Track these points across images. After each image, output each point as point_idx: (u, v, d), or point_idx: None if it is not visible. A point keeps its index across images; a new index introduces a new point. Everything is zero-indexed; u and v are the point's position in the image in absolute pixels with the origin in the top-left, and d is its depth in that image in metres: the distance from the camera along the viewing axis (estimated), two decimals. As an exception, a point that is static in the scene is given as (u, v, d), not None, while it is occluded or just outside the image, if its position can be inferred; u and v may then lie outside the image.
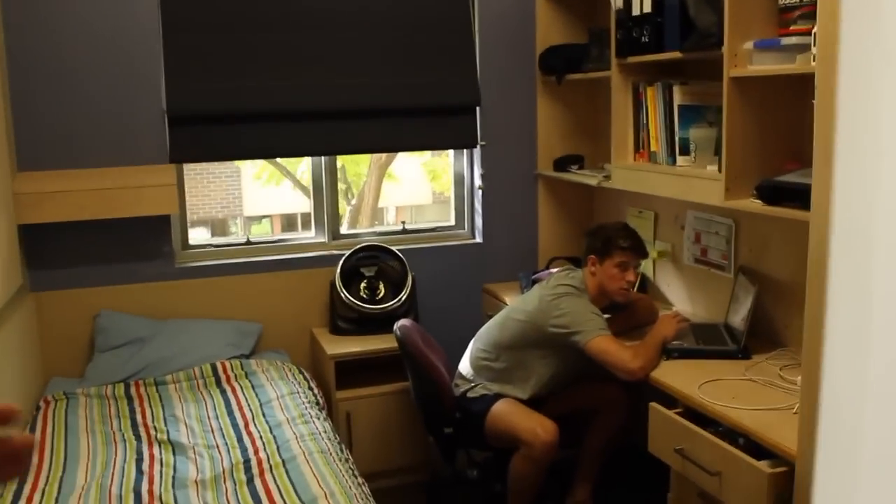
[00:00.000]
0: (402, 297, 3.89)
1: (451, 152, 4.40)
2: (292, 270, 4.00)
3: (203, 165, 9.08)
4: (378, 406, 3.71)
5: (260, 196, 10.23)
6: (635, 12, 3.30)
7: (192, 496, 2.60)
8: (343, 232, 4.24)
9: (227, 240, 4.11)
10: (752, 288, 3.02)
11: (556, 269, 3.52)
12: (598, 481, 3.43)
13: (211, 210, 10.37)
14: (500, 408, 3.21)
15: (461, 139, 4.11)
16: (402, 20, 3.90)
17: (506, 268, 4.27)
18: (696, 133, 3.16)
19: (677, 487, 2.76)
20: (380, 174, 8.50)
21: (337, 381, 3.66)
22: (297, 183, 8.42)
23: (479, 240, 4.33)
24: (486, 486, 3.49)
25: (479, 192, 4.26)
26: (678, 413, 2.66)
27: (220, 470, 2.77)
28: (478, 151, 4.22)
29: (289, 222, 9.64)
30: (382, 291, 3.92)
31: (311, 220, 4.21)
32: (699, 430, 2.51)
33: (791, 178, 2.67)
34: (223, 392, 3.43)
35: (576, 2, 4.11)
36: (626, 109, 3.51)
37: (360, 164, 8.63)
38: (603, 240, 3.23)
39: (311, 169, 4.17)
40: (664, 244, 3.80)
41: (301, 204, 4.13)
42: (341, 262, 3.92)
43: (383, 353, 3.70)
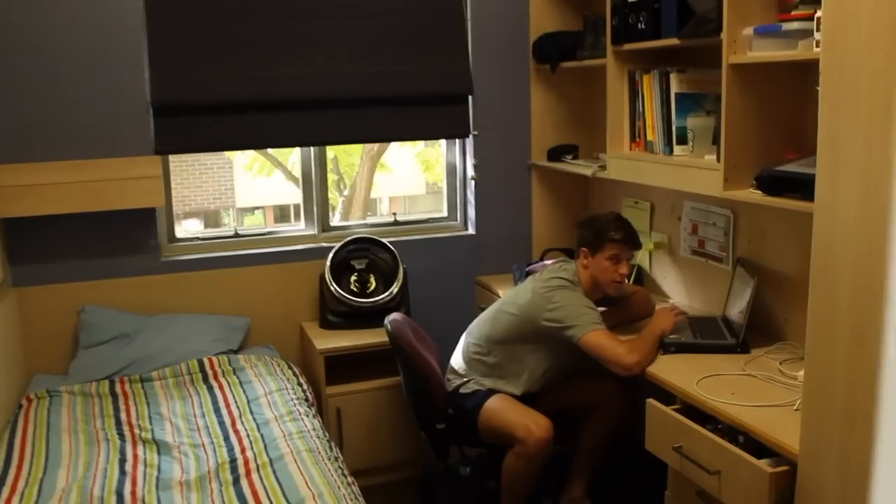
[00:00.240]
0: (394, 290, 3.82)
1: (443, 142, 4.33)
2: (281, 263, 3.94)
3: (194, 156, 9.02)
4: (369, 401, 3.64)
5: (252, 187, 10.19)
6: (631, -2, 3.22)
7: (176, 498, 2.52)
8: (334, 224, 4.16)
9: (214, 232, 4.03)
10: (751, 280, 2.95)
11: (550, 262, 3.45)
12: (594, 478, 3.36)
13: (203, 201, 10.35)
14: (493, 404, 3.14)
15: (453, 129, 4.04)
16: (392, 8, 3.82)
17: (499, 260, 4.20)
18: (693, 122, 3.08)
19: (675, 485, 2.69)
20: (372, 165, 8.43)
21: (327, 377, 3.59)
22: (288, 174, 8.34)
23: (471, 231, 4.26)
24: (479, 484, 3.43)
25: (472, 183, 4.19)
26: (676, 410, 2.59)
27: (206, 470, 2.69)
28: (470, 141, 4.16)
29: (282, 213, 9.59)
30: (373, 284, 3.85)
31: (301, 212, 4.13)
32: (698, 427, 2.44)
33: (792, 167, 2.60)
34: (210, 388, 3.35)
35: (570, -12, 4.04)
36: (622, 98, 3.44)
37: (353, 154, 8.56)
38: (594, 232, 3.16)
39: (300, 160, 4.09)
40: (660, 235, 3.72)
41: (293, 195, 4.06)
42: (331, 255, 3.85)
43: (374, 347, 3.63)
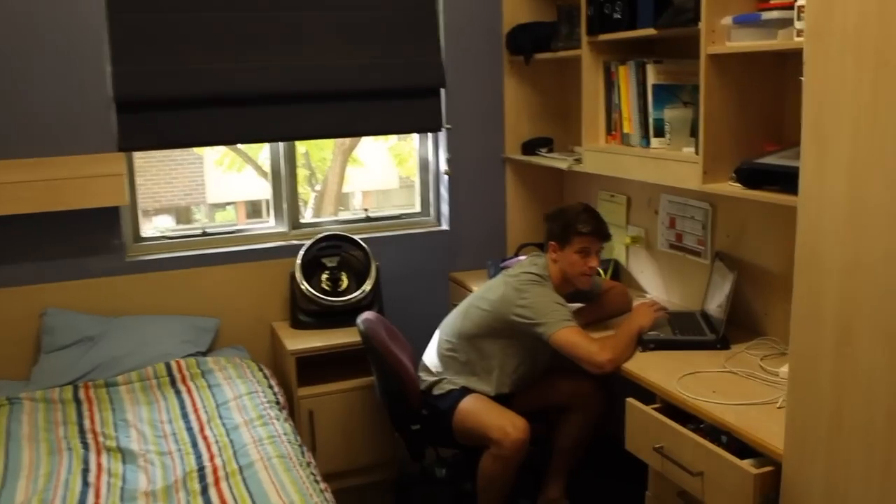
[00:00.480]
0: (366, 288, 3.74)
1: (415, 136, 4.24)
2: (251, 262, 3.84)
3: (164, 151, 8.87)
4: (342, 403, 3.56)
5: (224, 183, 10.06)
6: (606, -13, 3.16)
7: (141, 509, 2.43)
8: (305, 220, 4.07)
9: (181, 231, 3.93)
10: (731, 274, 2.90)
11: (524, 257, 3.38)
12: (572, 477, 3.30)
13: (174, 198, 10.21)
14: (467, 405, 3.07)
15: (425, 123, 3.97)
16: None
17: (473, 256, 4.14)
18: (670, 114, 3.02)
19: (656, 485, 2.63)
20: (344, 159, 8.32)
21: (298, 378, 3.51)
22: (258, 169, 8.22)
23: (445, 227, 4.18)
24: (455, 485, 3.36)
25: (445, 178, 4.11)
26: (656, 409, 2.53)
27: (173, 479, 2.59)
28: (443, 135, 4.09)
29: (254, 208, 9.46)
30: (345, 283, 3.77)
31: (270, 209, 4.03)
32: (679, 427, 2.38)
33: (772, 160, 2.54)
34: (178, 393, 3.25)
35: (543, -23, 3.96)
36: (598, 89, 3.38)
37: (325, 148, 8.45)
38: (562, 225, 3.09)
39: (270, 156, 3.98)
40: (637, 229, 3.67)
41: (265, 190, 3.96)
42: (302, 253, 3.76)
43: (347, 347, 3.55)
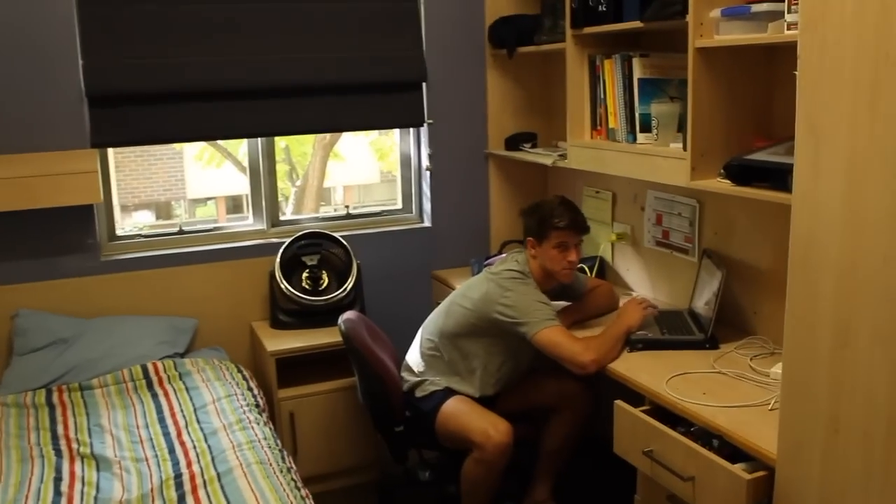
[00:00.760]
0: (347, 286, 3.66)
1: (396, 131, 4.16)
2: (229, 261, 3.76)
3: (142, 147, 8.75)
4: (323, 404, 3.48)
5: (203, 178, 9.96)
6: (591, -21, 3.09)
7: (115, 519, 2.35)
8: (284, 218, 3.99)
9: (157, 230, 3.83)
10: (719, 272, 2.85)
11: (508, 254, 3.31)
12: (558, 479, 3.24)
13: (153, 193, 10.11)
14: (450, 407, 3.00)
15: (406, 118, 3.89)
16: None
17: (456, 253, 4.07)
18: (657, 108, 2.96)
19: (645, 489, 2.58)
20: (325, 154, 8.23)
21: (279, 379, 3.44)
22: (238, 164, 8.11)
23: (427, 224, 4.11)
24: (439, 488, 3.29)
25: (427, 174, 4.04)
26: (645, 411, 2.47)
27: (149, 488, 2.51)
28: (424, 130, 4.02)
29: (234, 204, 9.36)
30: (326, 281, 3.69)
31: (249, 206, 3.95)
32: (669, 430, 2.32)
33: (762, 156, 2.49)
34: (154, 396, 3.17)
35: (526, -31, 3.89)
36: (582, 84, 3.32)
37: (305, 143, 8.37)
38: (538, 220, 3.03)
39: (248, 152, 3.89)
40: (623, 226, 3.61)
41: (245, 186, 3.87)
42: (281, 251, 3.68)
43: (328, 347, 3.48)
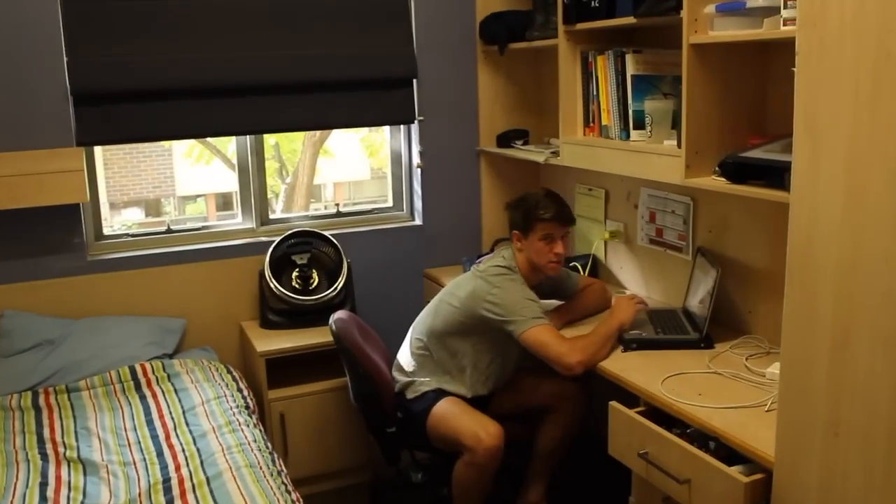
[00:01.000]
0: (338, 285, 3.62)
1: (386, 128, 4.12)
2: (218, 260, 3.71)
3: (131, 144, 8.69)
4: (314, 405, 3.44)
5: (193, 175, 9.93)
6: (583, -26, 3.06)
7: (102, 525, 2.31)
8: (274, 216, 3.94)
9: (144, 229, 3.78)
10: (713, 270, 2.82)
11: (496, 251, 3.27)
12: (552, 480, 3.20)
13: (142, 190, 10.08)
14: (441, 409, 2.96)
15: (397, 115, 3.85)
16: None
17: (448, 251, 4.04)
18: (651, 105, 2.92)
19: (640, 491, 2.54)
20: (314, 151, 8.20)
21: (269, 380, 3.39)
22: (227, 161, 8.07)
23: (418, 222, 4.07)
24: (432, 490, 3.26)
25: (418, 171, 4.00)
26: (640, 412, 2.44)
27: (136, 492, 2.47)
28: (415, 127, 3.98)
29: (224, 201, 9.33)
30: (316, 280, 3.65)
31: (238, 205, 3.90)
32: (665, 432, 2.29)
33: (757, 153, 2.46)
34: (143, 398, 3.13)
35: (518, -36, 3.85)
36: (575, 80, 3.28)
37: (295, 140, 8.34)
38: (523, 213, 3.01)
39: (236, 150, 3.85)
40: (616, 224, 3.58)
41: (235, 183, 3.83)
42: (271, 250, 3.64)
43: (318, 347, 3.44)
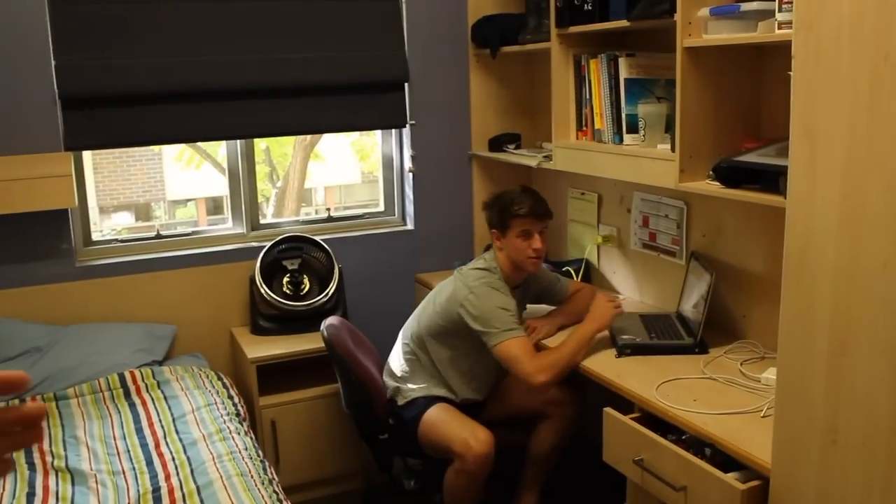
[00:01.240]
0: (329, 291, 3.59)
1: (378, 132, 4.10)
2: (208, 266, 3.68)
3: (121, 148, 8.66)
4: (306, 412, 3.41)
5: (183, 179, 9.88)
6: (576, -22, 3.04)
7: (91, 536, 2.27)
8: (265, 221, 3.91)
9: (134, 234, 3.74)
10: (707, 275, 2.80)
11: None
12: (546, 487, 3.18)
13: (132, 195, 10.02)
14: (432, 416, 2.94)
15: (389, 119, 3.83)
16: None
17: (440, 256, 4.01)
18: (644, 109, 2.91)
19: (634, 497, 2.52)
20: (305, 155, 8.15)
21: (260, 387, 3.36)
22: (217, 165, 8.02)
23: (410, 226, 4.05)
24: (424, 497, 3.23)
25: (410, 176, 3.98)
26: (635, 419, 2.42)
27: (126, 502, 2.44)
28: (407, 131, 3.95)
29: (215, 205, 9.28)
30: (307, 286, 3.62)
31: (229, 210, 3.87)
32: (660, 439, 2.27)
33: (751, 157, 2.44)
34: (132, 406, 3.09)
35: (509, -32, 3.83)
36: (567, 84, 3.26)
37: (286, 144, 8.29)
38: (499, 211, 2.99)
39: (227, 154, 3.82)
40: (609, 228, 3.56)
41: (225, 187, 3.79)
42: (261, 255, 3.61)
43: (310, 354, 3.41)
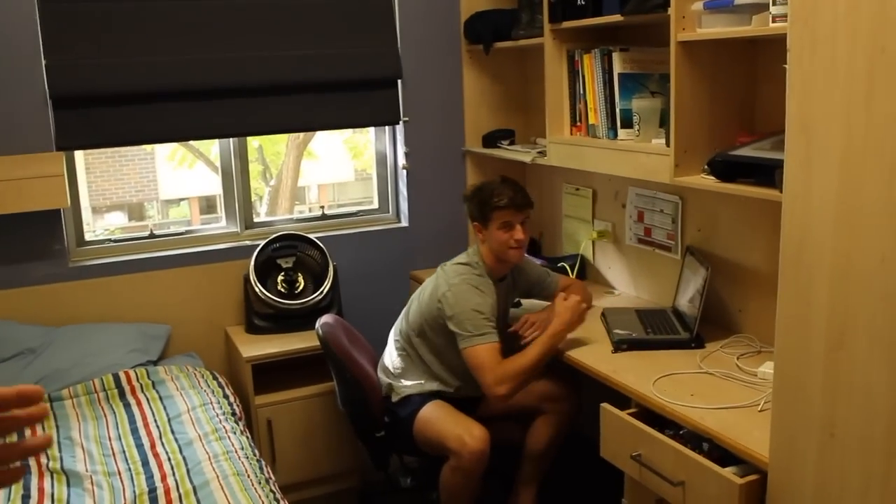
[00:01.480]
0: (324, 289, 3.58)
1: (371, 130, 4.08)
2: (202, 265, 3.66)
3: (114, 148, 8.64)
4: (302, 410, 3.40)
5: (176, 178, 9.86)
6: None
7: (87, 538, 2.26)
8: (258, 220, 3.90)
9: (127, 234, 3.72)
10: (703, 269, 2.80)
11: None
12: (543, 483, 3.17)
13: (125, 194, 10.00)
14: (427, 413, 2.93)
15: (382, 116, 3.82)
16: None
17: (434, 253, 3.96)
18: (639, 104, 2.90)
19: (632, 493, 2.52)
20: (298, 153, 8.14)
21: (255, 386, 3.35)
22: (210, 164, 8.00)
23: (404, 224, 4.04)
24: (421, 494, 3.22)
25: (404, 173, 3.96)
26: (632, 414, 2.41)
27: (121, 503, 2.43)
28: (400, 128, 3.94)
29: (208, 204, 9.26)
30: (302, 284, 3.61)
31: (222, 209, 3.85)
32: (658, 434, 2.27)
33: (747, 151, 2.44)
34: (127, 406, 3.07)
35: (502, -38, 3.82)
36: (561, 79, 3.25)
37: (279, 142, 8.28)
38: (479, 203, 2.97)
39: (220, 153, 3.80)
40: (604, 223, 3.56)
41: (218, 186, 3.78)
42: (255, 254, 3.59)
43: (305, 352, 3.39)
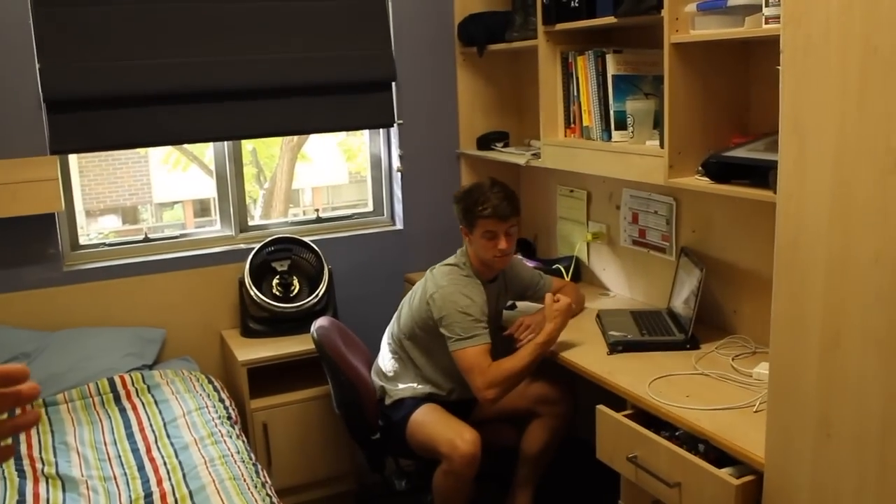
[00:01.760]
0: (319, 292, 3.58)
1: (365, 132, 4.08)
2: (197, 268, 3.65)
3: (108, 151, 8.63)
4: (297, 414, 3.40)
5: (170, 181, 9.84)
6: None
7: (82, 543, 2.26)
8: (253, 223, 3.89)
9: (121, 238, 3.72)
10: (697, 270, 2.80)
11: None
12: (539, 486, 3.17)
13: (119, 198, 9.97)
14: (419, 416, 2.93)
15: (376, 118, 3.81)
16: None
17: (430, 255, 3.92)
18: (632, 105, 2.90)
19: (629, 495, 2.52)
20: (292, 156, 8.13)
21: (251, 389, 3.34)
22: (205, 167, 7.99)
23: (399, 226, 4.03)
24: (416, 497, 3.22)
25: (398, 175, 3.96)
26: (628, 416, 2.42)
27: (117, 508, 2.43)
28: (395, 131, 3.94)
29: (202, 207, 9.25)
30: (297, 287, 3.61)
31: (217, 212, 3.85)
32: (654, 436, 2.27)
33: (741, 152, 2.44)
34: (122, 411, 3.07)
35: (495, -35, 3.82)
36: (555, 81, 3.26)
37: (272, 145, 8.27)
38: (465, 209, 2.94)
39: (214, 156, 3.79)
40: (598, 225, 3.56)
41: (212, 189, 3.78)
42: (250, 257, 3.59)
43: (300, 355, 3.39)
